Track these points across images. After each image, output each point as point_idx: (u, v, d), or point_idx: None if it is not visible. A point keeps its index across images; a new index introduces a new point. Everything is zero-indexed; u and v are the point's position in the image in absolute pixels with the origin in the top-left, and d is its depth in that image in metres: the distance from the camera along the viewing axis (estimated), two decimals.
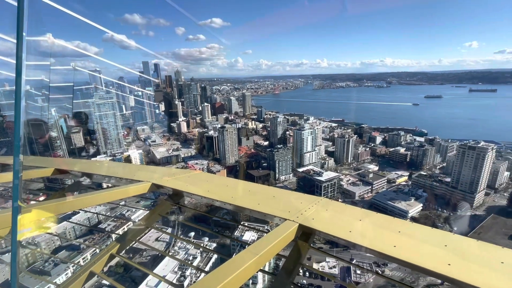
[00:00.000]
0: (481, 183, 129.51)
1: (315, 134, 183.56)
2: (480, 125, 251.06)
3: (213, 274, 2.41)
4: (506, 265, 3.06)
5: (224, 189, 5.76)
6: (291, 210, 4.37)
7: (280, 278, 3.41)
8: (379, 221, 4.27)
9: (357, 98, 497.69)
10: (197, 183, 6.27)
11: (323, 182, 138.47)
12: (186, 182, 6.12)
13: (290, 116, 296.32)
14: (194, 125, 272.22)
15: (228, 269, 2.47)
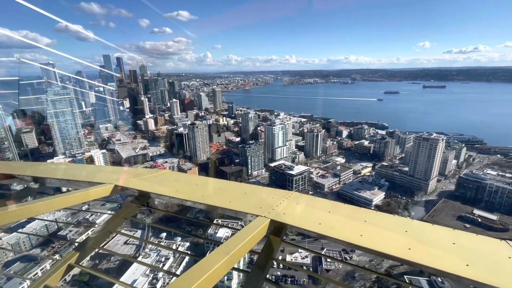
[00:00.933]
0: (434, 171, 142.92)
1: (285, 129, 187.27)
2: (432, 118, 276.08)
3: (184, 277, 2.37)
4: (457, 245, 3.45)
5: (194, 188, 5.58)
6: (263, 206, 4.37)
7: (253, 274, 3.40)
8: (346, 212, 4.47)
9: (325, 94, 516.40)
10: (165, 183, 6.02)
11: (294, 175, 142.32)
12: (153, 182, 5.82)
13: (261, 112, 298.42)
14: (162, 122, 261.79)
15: (199, 271, 2.44)
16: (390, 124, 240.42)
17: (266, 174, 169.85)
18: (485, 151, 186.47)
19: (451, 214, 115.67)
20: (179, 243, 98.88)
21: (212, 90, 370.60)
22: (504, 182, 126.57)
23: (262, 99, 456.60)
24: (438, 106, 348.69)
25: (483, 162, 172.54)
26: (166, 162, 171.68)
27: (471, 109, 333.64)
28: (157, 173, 6.49)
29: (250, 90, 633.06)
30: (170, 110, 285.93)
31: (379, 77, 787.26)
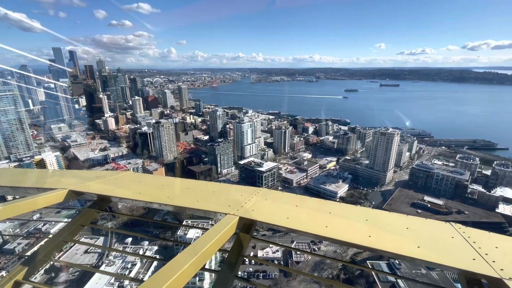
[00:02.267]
0: (391, 162, 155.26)
1: (254, 127, 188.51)
2: (388, 114, 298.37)
3: (149, 282, 2.31)
4: (409, 229, 3.81)
5: (159, 189, 5.36)
6: (231, 204, 4.37)
7: (224, 272, 3.39)
8: (312, 205, 4.67)
9: (291, 92, 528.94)
10: (126, 185, 5.70)
11: (264, 172, 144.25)
12: (113, 185, 5.45)
13: (229, 110, 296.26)
14: (124, 121, 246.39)
15: (166, 274, 2.37)
16: (352, 120, 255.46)
17: (236, 172, 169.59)
18: (432, 144, 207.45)
19: (405, 201, 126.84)
20: (146, 247, 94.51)
21: (178, 87, 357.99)
22: (448, 171, 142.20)
23: (230, 96, 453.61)
24: (393, 103, 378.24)
25: (431, 154, 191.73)
26: (129, 164, 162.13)
27: (420, 105, 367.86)
28: (118, 175, 6.07)
29: (217, 87, 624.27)
30: (132, 108, 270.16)
31: (341, 75, 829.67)
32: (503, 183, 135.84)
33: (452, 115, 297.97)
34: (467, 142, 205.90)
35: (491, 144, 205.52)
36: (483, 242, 3.49)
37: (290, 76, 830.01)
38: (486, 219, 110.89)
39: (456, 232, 3.73)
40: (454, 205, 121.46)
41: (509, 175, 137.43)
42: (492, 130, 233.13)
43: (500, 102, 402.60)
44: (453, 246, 3.49)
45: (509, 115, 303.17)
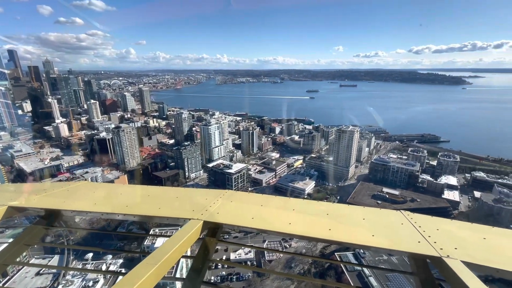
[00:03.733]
0: (352, 158, 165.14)
1: (221, 129, 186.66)
2: (348, 113, 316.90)
3: None
4: (366, 220, 4.10)
5: (117, 198, 5.04)
6: (196, 208, 4.28)
7: (189, 279, 3.33)
8: (277, 203, 4.78)
9: (257, 93, 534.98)
10: (79, 196, 5.25)
11: (233, 174, 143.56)
12: (63, 198, 4.97)
13: (195, 112, 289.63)
14: (78, 127, 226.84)
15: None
16: (316, 120, 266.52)
17: (204, 175, 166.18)
18: (388, 139, 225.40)
19: (367, 194, 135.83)
20: (110, 261, 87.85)
21: (139, 89, 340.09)
22: (401, 163, 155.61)
23: (196, 98, 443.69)
24: (352, 102, 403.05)
25: (387, 148, 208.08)
26: (86, 173, 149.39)
27: (376, 104, 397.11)
28: (70, 186, 5.55)
29: (182, 89, 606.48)
30: (88, 112, 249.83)
31: (304, 77, 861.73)
32: (446, 171, 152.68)
33: (402, 112, 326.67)
34: (417, 137, 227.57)
35: (436, 137, 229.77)
36: (426, 226, 3.84)
37: (255, 77, 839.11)
38: (435, 204, 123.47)
39: (405, 219, 4.08)
40: (408, 194, 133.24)
41: (451, 164, 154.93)
42: (435, 124, 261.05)
43: (441, 100, 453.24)
44: (402, 232, 3.77)
45: (448, 111, 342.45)
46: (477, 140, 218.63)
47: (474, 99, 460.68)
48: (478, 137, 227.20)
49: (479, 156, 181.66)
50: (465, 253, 3.27)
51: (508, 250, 3.53)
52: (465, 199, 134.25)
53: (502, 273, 3.15)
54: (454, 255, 3.22)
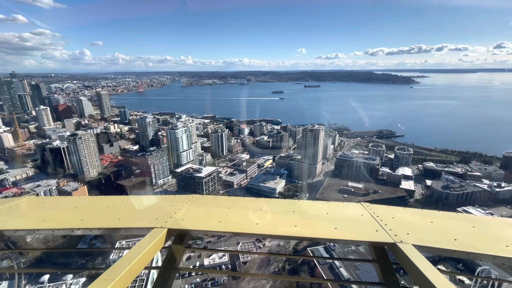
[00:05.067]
0: (319, 155, 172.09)
1: (189, 132, 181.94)
2: (313, 112, 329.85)
3: None
4: (329, 214, 4.32)
5: (70, 212, 4.63)
6: (160, 216, 4.13)
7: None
8: (244, 204, 4.82)
9: (225, 95, 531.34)
10: (24, 213, 4.78)
11: (203, 178, 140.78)
12: (4, 216, 4.42)
13: (160, 116, 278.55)
14: (26, 135, 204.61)
15: None
16: (283, 120, 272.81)
17: (173, 181, 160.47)
18: (350, 136, 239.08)
19: (334, 189, 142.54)
20: (70, 281, 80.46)
21: (97, 93, 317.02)
22: (363, 158, 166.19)
23: (160, 101, 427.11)
24: (316, 102, 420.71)
25: (350, 145, 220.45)
26: (38, 187, 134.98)
27: (338, 103, 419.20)
28: (13, 203, 4.97)
29: (144, 92, 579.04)
30: (37, 120, 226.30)
31: (270, 78, 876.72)
32: (402, 163, 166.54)
33: (361, 110, 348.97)
34: (375, 133, 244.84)
35: (392, 132, 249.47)
36: (383, 215, 4.15)
37: (222, 79, 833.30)
38: (394, 194, 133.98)
39: (365, 210, 4.38)
40: (371, 186, 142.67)
41: (406, 157, 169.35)
42: (390, 121, 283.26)
43: (394, 97, 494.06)
44: (362, 223, 4.04)
45: (401, 108, 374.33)
46: (426, 133, 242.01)
47: (421, 96, 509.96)
48: (426, 131, 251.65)
49: (429, 148, 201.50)
50: (416, 237, 3.56)
51: (451, 231, 3.84)
52: (419, 187, 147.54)
53: (446, 252, 3.50)
54: (407, 240, 3.49)
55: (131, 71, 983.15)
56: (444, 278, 2.69)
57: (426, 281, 2.68)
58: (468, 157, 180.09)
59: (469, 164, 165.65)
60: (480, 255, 3.46)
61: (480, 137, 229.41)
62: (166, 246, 3.70)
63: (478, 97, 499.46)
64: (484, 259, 3.50)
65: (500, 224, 4.31)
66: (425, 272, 2.76)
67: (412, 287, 3.25)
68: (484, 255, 3.45)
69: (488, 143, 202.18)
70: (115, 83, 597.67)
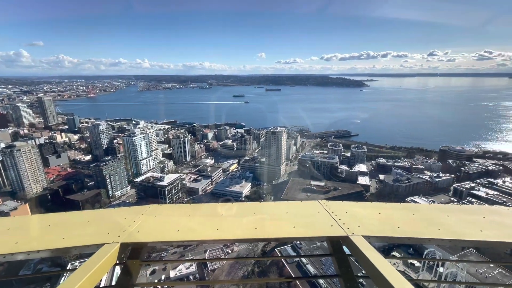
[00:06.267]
0: (282, 157, 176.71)
1: (148, 139, 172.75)
2: (275, 115, 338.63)
3: None
4: (288, 213, 4.45)
5: (1, 236, 4.07)
6: (112, 231, 3.88)
7: None
8: (205, 211, 4.73)
9: (186, 99, 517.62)
10: None
11: (166, 186, 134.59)
12: None
13: (115, 122, 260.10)
14: None
15: None
16: (246, 123, 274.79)
17: (132, 191, 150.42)
18: (310, 137, 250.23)
19: (298, 188, 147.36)
20: None
21: (38, 99, 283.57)
22: (323, 157, 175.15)
23: (115, 107, 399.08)
24: (278, 105, 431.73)
25: (311, 145, 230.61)
26: None
27: (298, 106, 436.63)
28: None
29: (96, 97, 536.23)
30: None
31: (232, 82, 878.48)
32: (358, 161, 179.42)
33: (320, 112, 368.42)
34: (333, 133, 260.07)
35: (348, 132, 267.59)
36: (338, 210, 4.40)
37: (182, 83, 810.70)
38: (352, 190, 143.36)
39: (321, 207, 4.58)
40: (332, 184, 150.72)
41: (361, 154, 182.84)
42: (346, 121, 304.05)
43: (348, 100, 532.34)
44: (319, 219, 4.21)
45: (354, 109, 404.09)
46: (377, 132, 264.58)
47: (371, 98, 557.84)
48: (377, 130, 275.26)
49: (380, 145, 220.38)
50: (366, 229, 3.82)
51: (395, 220, 4.20)
52: (373, 182, 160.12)
53: (392, 239, 3.82)
54: (358, 232, 3.72)
55: (80, 75, 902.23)
56: (389, 265, 2.86)
57: (374, 268, 2.85)
58: (412, 152, 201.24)
59: (413, 158, 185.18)
60: (418, 239, 3.82)
61: (421, 133, 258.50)
62: (120, 262, 3.50)
63: (418, 99, 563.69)
64: (422, 242, 3.83)
65: (433, 210, 4.78)
66: (373, 260, 2.95)
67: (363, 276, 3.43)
68: (422, 239, 3.82)
69: (427, 139, 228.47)
70: (61, 88, 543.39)
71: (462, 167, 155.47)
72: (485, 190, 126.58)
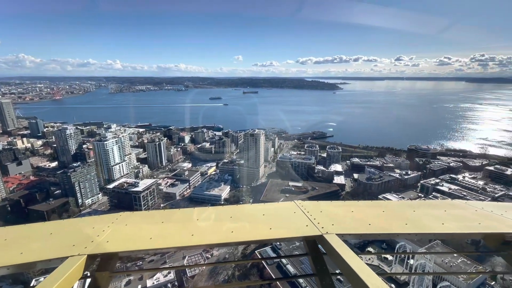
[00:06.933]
0: (261, 159, 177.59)
1: (121, 143, 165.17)
2: (253, 117, 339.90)
3: None
4: (265, 215, 4.46)
5: None
6: (77, 242, 3.65)
7: None
8: (180, 216, 4.60)
9: (161, 101, 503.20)
10: None
11: (141, 192, 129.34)
12: None
13: (84, 126, 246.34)
14: None
15: None
16: (224, 126, 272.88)
17: (104, 198, 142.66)
18: (288, 138, 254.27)
19: (277, 189, 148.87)
20: None
21: None
22: (301, 158, 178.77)
23: (84, 110, 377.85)
24: (255, 107, 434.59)
25: (288, 147, 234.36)
26: None
27: (275, 108, 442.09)
28: None
29: (63, 100, 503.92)
30: None
31: (209, 84, 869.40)
32: (334, 161, 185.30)
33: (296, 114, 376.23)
34: (309, 134, 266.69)
35: (323, 133, 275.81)
36: (312, 210, 4.48)
37: (157, 85, 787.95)
38: (329, 189, 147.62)
39: (297, 208, 4.64)
40: (309, 184, 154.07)
41: (336, 155, 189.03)
42: (322, 123, 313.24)
43: (323, 102, 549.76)
44: (295, 220, 4.26)
45: (329, 112, 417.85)
46: (351, 132, 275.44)
47: (344, 100, 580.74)
48: (351, 130, 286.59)
49: (354, 145, 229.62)
50: (339, 227, 3.91)
51: (366, 217, 4.36)
52: (348, 181, 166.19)
53: (364, 236, 3.98)
54: (332, 230, 3.80)
55: (44, 76, 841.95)
56: (361, 261, 2.92)
57: (347, 266, 2.90)
58: (383, 151, 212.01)
59: (384, 157, 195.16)
60: (388, 234, 4.02)
61: (391, 133, 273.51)
62: (88, 275, 3.34)
63: (387, 101, 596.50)
64: (392, 237, 4.03)
65: (401, 206, 5.06)
66: (345, 258, 3.00)
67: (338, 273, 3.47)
68: (391, 234, 4.01)
69: (397, 139, 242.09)
70: (22, 90, 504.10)
71: (428, 164, 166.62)
72: (448, 185, 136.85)
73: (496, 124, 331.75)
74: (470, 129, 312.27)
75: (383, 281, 2.60)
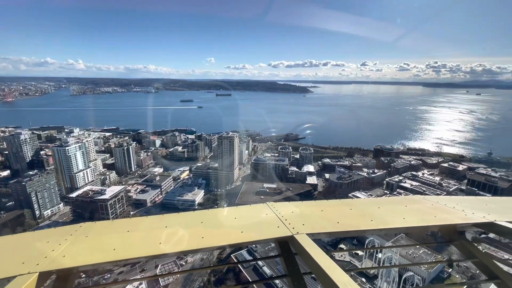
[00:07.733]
0: (235, 162, 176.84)
1: (85, 148, 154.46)
2: (227, 120, 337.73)
3: None
4: (237, 219, 4.44)
5: None
6: (27, 259, 3.28)
7: None
8: (148, 224, 4.39)
9: (129, 104, 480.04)
10: None
11: (108, 200, 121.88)
12: None
13: (42, 131, 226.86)
14: None
15: None
16: (197, 129, 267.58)
17: (66, 208, 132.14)
18: (262, 140, 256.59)
19: (252, 192, 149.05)
20: None
21: None
22: (274, 160, 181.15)
23: (41, 113, 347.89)
24: (228, 110, 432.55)
25: (262, 149, 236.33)
26: None
27: (248, 110, 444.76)
28: None
29: (15, 102, 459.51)
30: None
31: (180, 86, 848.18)
32: (306, 162, 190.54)
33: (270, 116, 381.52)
34: (283, 136, 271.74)
35: (295, 135, 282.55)
36: (284, 211, 4.53)
37: (124, 87, 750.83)
38: (302, 190, 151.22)
39: (269, 209, 4.67)
40: (283, 185, 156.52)
41: (308, 156, 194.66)
42: (292, 125, 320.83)
43: (295, 104, 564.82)
44: (267, 222, 4.28)
45: (300, 113, 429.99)
46: (321, 134, 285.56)
47: (314, 103, 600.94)
48: (321, 132, 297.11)
49: (324, 146, 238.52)
50: (309, 227, 3.96)
51: (335, 216, 4.47)
52: (320, 181, 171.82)
53: (333, 234, 4.09)
54: (302, 230, 3.83)
55: None
56: (330, 260, 2.94)
57: (316, 265, 2.92)
58: (352, 151, 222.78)
59: (353, 157, 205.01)
60: (356, 231, 4.16)
61: (359, 134, 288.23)
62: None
63: (354, 104, 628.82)
64: (359, 234, 4.23)
65: (367, 204, 5.37)
66: (315, 257, 3.02)
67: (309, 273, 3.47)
68: (359, 231, 4.16)
69: (364, 139, 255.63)
70: None
71: (392, 163, 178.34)
72: (410, 182, 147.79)
73: (449, 125, 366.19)
74: (427, 129, 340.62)
75: (349, 278, 2.64)
